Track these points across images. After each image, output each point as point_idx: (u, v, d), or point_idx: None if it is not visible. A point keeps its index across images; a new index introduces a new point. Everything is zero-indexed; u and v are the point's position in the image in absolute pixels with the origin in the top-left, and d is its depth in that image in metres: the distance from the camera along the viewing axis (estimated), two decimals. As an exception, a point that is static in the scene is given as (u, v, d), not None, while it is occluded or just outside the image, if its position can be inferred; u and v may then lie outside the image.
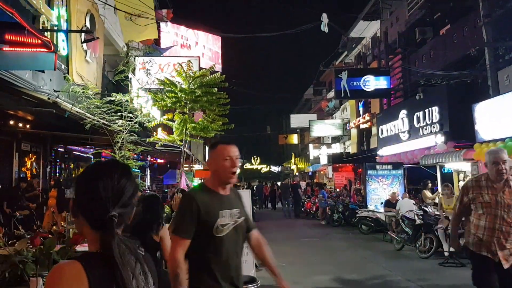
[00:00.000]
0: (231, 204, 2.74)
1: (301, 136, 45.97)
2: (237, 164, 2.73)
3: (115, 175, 1.41)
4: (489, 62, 13.41)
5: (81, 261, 1.29)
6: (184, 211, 2.62)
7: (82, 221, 1.38)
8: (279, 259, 9.60)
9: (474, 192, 4.04)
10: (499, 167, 3.89)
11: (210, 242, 2.58)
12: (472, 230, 4.02)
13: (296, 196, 22.08)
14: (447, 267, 8.69)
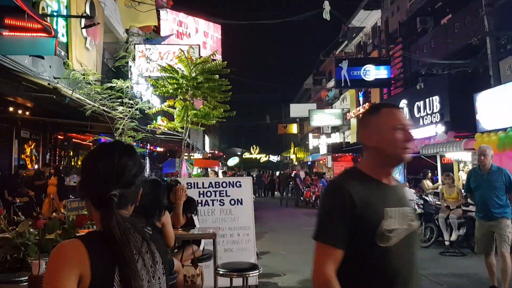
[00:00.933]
0: (401, 199, 1.90)
1: (300, 126, 45.93)
2: (412, 137, 1.90)
3: (116, 155, 1.40)
4: (491, 51, 13.33)
5: (82, 240, 1.29)
6: (333, 209, 1.77)
7: (88, 203, 1.39)
8: (280, 248, 9.68)
9: None
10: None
11: (371, 254, 1.73)
12: None
13: (296, 186, 22.16)
14: (447, 256, 8.70)
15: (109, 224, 1.29)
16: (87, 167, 1.40)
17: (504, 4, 12.96)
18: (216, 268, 4.47)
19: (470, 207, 9.46)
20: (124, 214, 1.37)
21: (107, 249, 1.27)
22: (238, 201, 5.85)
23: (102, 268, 1.24)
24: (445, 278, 6.95)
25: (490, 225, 5.69)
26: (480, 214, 5.81)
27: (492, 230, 5.70)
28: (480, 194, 5.73)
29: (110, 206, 1.31)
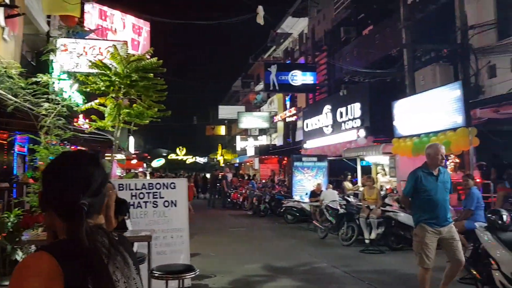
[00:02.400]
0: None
1: (228, 128, 46.08)
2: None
3: (83, 163, 1.39)
4: (408, 62, 14.34)
5: (51, 252, 1.21)
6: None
7: (52, 214, 1.34)
8: (209, 249, 9.72)
9: None
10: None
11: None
12: None
13: (223, 187, 22.27)
14: (367, 253, 9.25)
15: (78, 233, 1.25)
16: (53, 177, 1.36)
17: (420, 19, 13.99)
18: (151, 271, 4.44)
19: (387, 207, 10.15)
20: (90, 224, 1.34)
21: (77, 259, 1.22)
22: (172, 202, 5.82)
23: (76, 279, 1.19)
24: (366, 275, 7.40)
25: (440, 231, 5.09)
26: (431, 220, 5.07)
27: (438, 238, 5.12)
28: (434, 197, 5.08)
29: (80, 215, 1.28)
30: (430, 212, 5.09)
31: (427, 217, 5.09)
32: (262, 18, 11.60)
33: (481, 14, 12.11)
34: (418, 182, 5.16)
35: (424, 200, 5.13)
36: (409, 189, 5.26)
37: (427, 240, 5.06)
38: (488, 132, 11.15)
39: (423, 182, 5.13)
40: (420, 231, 5.13)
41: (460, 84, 10.97)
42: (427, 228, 5.07)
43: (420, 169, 5.25)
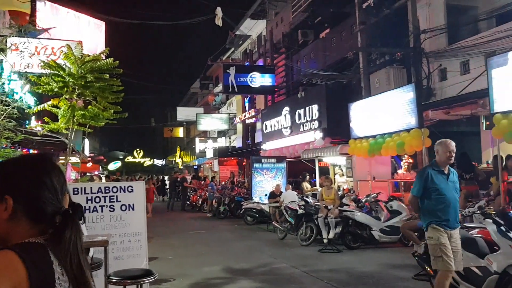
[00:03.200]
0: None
1: (187, 130, 45.69)
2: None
3: (57, 168, 1.41)
4: (363, 65, 14.71)
5: (15, 250, 1.18)
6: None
7: (19, 217, 1.29)
8: (167, 253, 9.58)
9: None
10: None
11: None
12: None
13: (183, 190, 22.00)
14: (325, 253, 9.39)
15: (62, 238, 1.28)
16: (32, 181, 1.33)
17: (375, 23, 14.39)
18: (108, 277, 4.32)
19: (345, 207, 10.36)
20: None
21: (44, 259, 1.22)
22: (130, 206, 5.68)
23: (41, 279, 1.18)
24: (324, 274, 7.51)
25: (451, 234, 4.73)
26: (443, 222, 4.69)
27: None
28: (445, 197, 4.71)
29: (70, 219, 1.32)
30: (442, 213, 4.70)
31: (439, 219, 4.69)
32: (220, 19, 11.60)
33: (432, 19, 12.59)
34: (428, 181, 4.75)
35: (435, 200, 4.73)
36: (419, 188, 4.82)
37: (443, 240, 4.64)
38: (439, 133, 11.60)
39: (434, 180, 4.74)
40: (433, 233, 4.70)
41: (413, 86, 11.35)
42: (440, 229, 4.68)
43: (430, 167, 4.89)
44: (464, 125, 12.65)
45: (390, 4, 13.94)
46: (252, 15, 26.36)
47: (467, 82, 10.84)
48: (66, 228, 1.30)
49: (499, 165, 8.42)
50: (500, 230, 5.08)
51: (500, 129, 8.28)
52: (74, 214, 1.37)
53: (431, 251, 4.80)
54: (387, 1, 14.14)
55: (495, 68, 8.41)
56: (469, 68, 11.40)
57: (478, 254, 5.39)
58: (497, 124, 8.33)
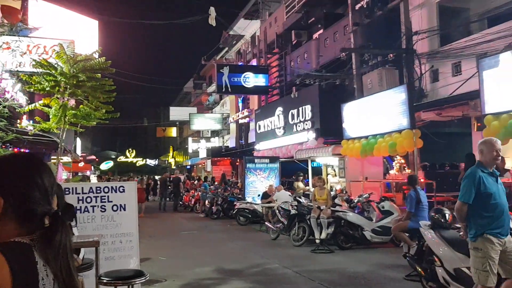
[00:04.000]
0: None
1: (180, 129, 45.60)
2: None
3: (47, 168, 1.40)
4: (356, 66, 14.75)
5: (0, 249, 1.18)
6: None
7: (8, 217, 1.28)
8: (159, 253, 9.56)
9: None
10: None
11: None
12: None
13: (176, 190, 21.91)
14: (318, 253, 9.41)
15: (52, 239, 1.28)
16: (25, 180, 1.32)
17: (368, 25, 14.44)
18: (99, 277, 4.30)
19: (337, 207, 10.38)
20: None
21: (29, 259, 1.21)
22: (121, 206, 5.66)
23: (25, 279, 1.18)
24: (316, 274, 7.52)
25: (505, 242, 4.27)
26: (497, 230, 4.21)
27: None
28: (499, 202, 4.26)
29: (60, 221, 1.32)
30: (496, 221, 4.22)
31: (493, 227, 4.20)
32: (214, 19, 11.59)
33: (424, 21, 12.65)
34: (480, 185, 4.24)
35: (488, 207, 4.23)
36: (470, 193, 4.26)
37: (493, 254, 4.17)
38: (431, 134, 11.68)
39: (486, 184, 4.25)
40: (484, 244, 4.18)
41: (405, 87, 11.40)
42: (493, 239, 4.18)
43: (479, 169, 4.35)
44: (456, 126, 12.73)
45: (383, 5, 13.99)
46: (246, 15, 26.35)
47: (459, 83, 10.90)
48: (56, 230, 1.29)
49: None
50: (491, 231, 5.10)
51: (491, 130, 8.33)
52: (65, 216, 1.36)
53: (475, 264, 4.27)
54: (380, 3, 14.19)
55: (486, 70, 8.48)
56: (461, 69, 11.46)
57: (469, 255, 5.43)
58: (488, 126, 8.40)
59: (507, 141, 8.31)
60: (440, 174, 11.68)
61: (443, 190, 11.11)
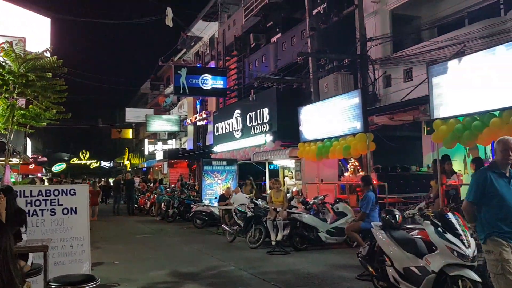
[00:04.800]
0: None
1: (136, 131, 44.76)
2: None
3: None
4: (313, 70, 15.01)
5: None
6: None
7: None
8: (112, 257, 9.34)
9: None
10: None
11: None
12: None
13: (130, 193, 21.40)
14: (274, 255, 9.48)
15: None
16: None
17: (324, 30, 14.73)
18: (47, 283, 4.15)
19: (293, 209, 10.51)
20: None
21: None
22: (72, 210, 5.48)
23: None
24: (272, 276, 7.58)
25: None
26: (506, 234, 4.01)
27: None
28: (508, 204, 4.05)
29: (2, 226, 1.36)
30: (504, 223, 4.02)
31: (501, 230, 4.02)
32: (170, 20, 11.46)
33: (378, 28, 13.05)
34: (487, 185, 4.09)
35: (496, 208, 4.06)
36: (476, 193, 4.15)
37: (506, 255, 3.95)
38: (383, 137, 12.04)
39: (494, 184, 4.09)
40: (494, 246, 4.01)
41: (359, 92, 11.69)
42: (502, 242, 3.99)
43: (489, 169, 4.22)
44: (407, 130, 13.20)
45: (339, 11, 14.33)
46: (205, 17, 26.26)
47: (410, 89, 11.31)
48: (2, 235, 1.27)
49: (438, 169, 8.83)
50: (438, 231, 5.32)
51: (439, 135, 8.69)
52: (14, 221, 1.35)
53: (490, 268, 4.08)
54: (336, 9, 14.53)
55: (435, 76, 8.81)
56: (412, 75, 11.90)
57: (417, 254, 5.64)
58: (437, 130, 8.74)
59: (454, 145, 8.71)
60: (391, 176, 12.05)
61: (394, 192, 11.48)
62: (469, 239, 5.17)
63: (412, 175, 12.43)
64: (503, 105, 7.50)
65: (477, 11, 11.39)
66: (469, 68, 8.11)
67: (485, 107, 7.84)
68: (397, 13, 13.04)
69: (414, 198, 11.39)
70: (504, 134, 7.51)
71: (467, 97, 8.14)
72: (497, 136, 7.71)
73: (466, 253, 5.00)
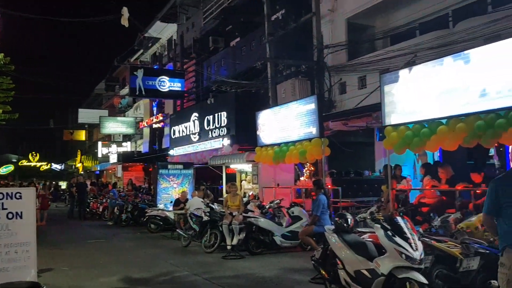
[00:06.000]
0: None
1: (89, 133, 43.51)
2: None
3: None
4: (271, 75, 15.14)
5: None
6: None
7: None
8: (62, 263, 9.02)
9: None
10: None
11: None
12: None
13: (82, 196, 20.71)
14: (229, 259, 9.44)
15: None
16: None
17: (283, 36, 14.90)
18: (-13, 291, 3.95)
19: (249, 213, 10.52)
20: None
21: None
22: (18, 214, 5.23)
23: None
24: (226, 280, 7.55)
25: None
26: None
27: None
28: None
29: None
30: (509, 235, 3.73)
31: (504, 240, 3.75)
32: (126, 20, 11.23)
33: (334, 36, 13.34)
34: (499, 195, 3.82)
35: (509, 218, 3.76)
36: (489, 204, 3.92)
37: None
38: (338, 143, 12.30)
39: (506, 193, 3.81)
40: (506, 259, 3.69)
41: (315, 98, 11.89)
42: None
43: (502, 178, 4.02)
44: (361, 136, 13.53)
45: (297, 18, 14.54)
46: (163, 18, 25.92)
47: (364, 96, 11.62)
48: None
49: (389, 174, 9.10)
50: (387, 234, 5.47)
51: (391, 141, 8.96)
52: None
53: (498, 280, 3.83)
54: (294, 15, 14.73)
55: (387, 84, 9.10)
56: (366, 83, 12.23)
57: (368, 257, 5.78)
58: (388, 136, 9.02)
59: (404, 150, 9.00)
60: (345, 180, 12.31)
61: (348, 196, 11.75)
62: (417, 242, 5.35)
63: (365, 180, 12.75)
64: (450, 114, 7.84)
65: (428, 22, 11.87)
66: (419, 77, 8.43)
67: (433, 115, 8.17)
68: (352, 22, 13.37)
69: (367, 202, 11.67)
70: (450, 141, 7.91)
71: (416, 105, 8.45)
72: (444, 143, 8.14)
73: (414, 256, 5.17)
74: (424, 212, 8.78)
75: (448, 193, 8.55)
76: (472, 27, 9.41)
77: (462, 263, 5.56)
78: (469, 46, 8.12)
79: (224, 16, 19.41)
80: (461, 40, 9.46)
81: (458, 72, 7.69)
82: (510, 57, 6.95)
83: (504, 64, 7.01)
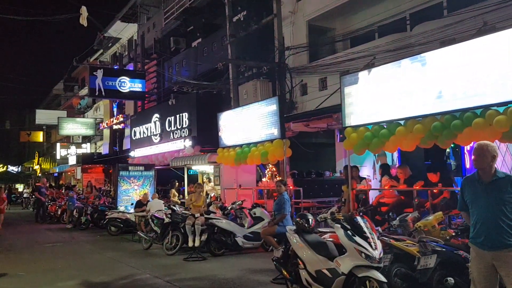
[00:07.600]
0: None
1: (47, 134, 42.16)
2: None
3: None
4: (232, 77, 15.12)
5: None
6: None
7: None
8: (17, 269, 8.71)
9: None
10: None
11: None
12: None
13: (38, 199, 20.04)
14: (190, 261, 9.36)
15: None
16: None
17: (244, 37, 14.91)
18: None
19: (211, 215, 10.46)
20: None
21: None
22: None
23: None
24: (188, 282, 7.48)
25: (494, 256, 3.79)
26: (478, 239, 3.90)
27: (494, 265, 3.81)
28: (478, 211, 3.93)
29: None
30: (474, 230, 3.95)
31: (473, 236, 3.96)
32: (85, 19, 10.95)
33: (295, 37, 13.46)
34: (464, 193, 4.09)
35: (471, 215, 4.02)
36: (460, 201, 4.19)
37: (472, 261, 3.99)
38: (300, 144, 12.43)
39: (468, 192, 4.05)
40: (471, 251, 4.05)
41: (277, 99, 11.97)
42: (473, 247, 3.97)
43: (468, 177, 4.23)
44: (322, 137, 13.73)
45: (258, 20, 14.59)
46: (123, 18, 25.44)
47: (324, 97, 11.78)
48: None
49: (349, 175, 9.28)
50: (347, 234, 5.57)
51: (350, 142, 9.13)
52: None
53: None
54: (255, 17, 14.78)
55: (347, 86, 9.27)
56: (327, 84, 12.40)
57: (329, 257, 5.86)
58: (348, 137, 9.18)
59: (364, 151, 9.19)
60: (307, 181, 12.46)
61: (309, 197, 11.89)
62: (376, 241, 5.47)
63: (326, 180, 12.95)
64: (407, 115, 8.05)
65: (386, 25, 12.17)
66: (378, 79, 8.63)
67: (391, 116, 8.37)
68: (313, 24, 13.53)
69: (328, 202, 11.85)
70: (408, 142, 8.14)
71: (375, 107, 8.65)
72: (402, 144, 8.36)
73: (373, 254, 5.28)
74: (383, 212, 8.99)
75: (406, 192, 8.77)
76: (429, 30, 9.71)
77: (419, 261, 5.70)
78: (426, 49, 8.35)
79: (185, 17, 19.26)
80: (418, 43, 9.73)
81: (416, 74, 7.91)
82: (464, 60, 7.21)
83: (458, 67, 7.25)
